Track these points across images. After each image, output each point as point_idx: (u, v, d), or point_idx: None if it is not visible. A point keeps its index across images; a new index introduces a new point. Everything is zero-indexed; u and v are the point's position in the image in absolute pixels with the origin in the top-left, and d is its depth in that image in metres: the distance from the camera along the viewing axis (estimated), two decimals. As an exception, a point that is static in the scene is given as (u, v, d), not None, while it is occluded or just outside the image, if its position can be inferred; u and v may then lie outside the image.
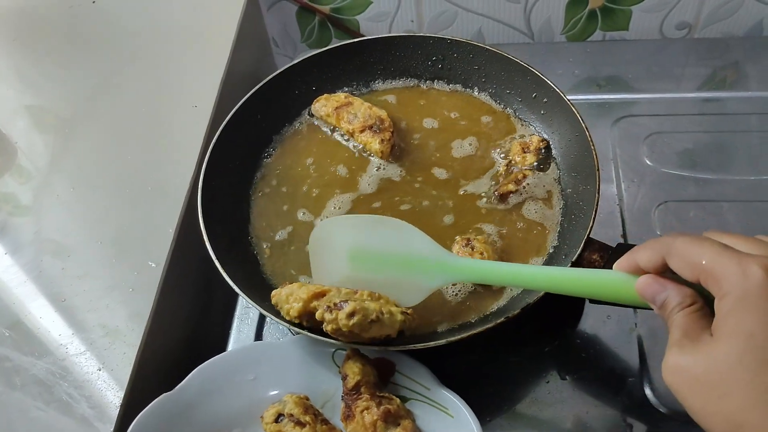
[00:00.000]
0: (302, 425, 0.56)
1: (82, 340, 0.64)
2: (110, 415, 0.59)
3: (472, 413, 0.56)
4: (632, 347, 0.65)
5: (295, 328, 0.58)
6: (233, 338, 0.71)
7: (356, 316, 0.53)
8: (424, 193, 0.71)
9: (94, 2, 0.95)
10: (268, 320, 0.71)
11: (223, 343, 0.70)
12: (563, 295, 0.52)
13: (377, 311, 0.54)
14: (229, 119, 0.72)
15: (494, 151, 0.74)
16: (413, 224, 0.68)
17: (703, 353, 0.39)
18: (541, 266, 0.52)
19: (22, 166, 0.79)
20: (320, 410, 0.59)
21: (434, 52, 0.78)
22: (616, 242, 0.61)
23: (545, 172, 0.71)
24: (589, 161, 0.65)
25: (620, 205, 0.76)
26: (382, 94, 0.80)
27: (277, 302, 0.58)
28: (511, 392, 0.64)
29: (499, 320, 0.57)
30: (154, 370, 0.64)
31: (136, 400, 0.59)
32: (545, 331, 0.67)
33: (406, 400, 0.59)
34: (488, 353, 0.66)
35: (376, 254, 0.57)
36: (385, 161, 0.73)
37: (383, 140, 0.72)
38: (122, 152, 0.78)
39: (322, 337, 0.56)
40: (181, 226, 0.70)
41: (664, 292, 0.44)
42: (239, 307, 0.73)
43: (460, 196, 0.71)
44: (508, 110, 0.77)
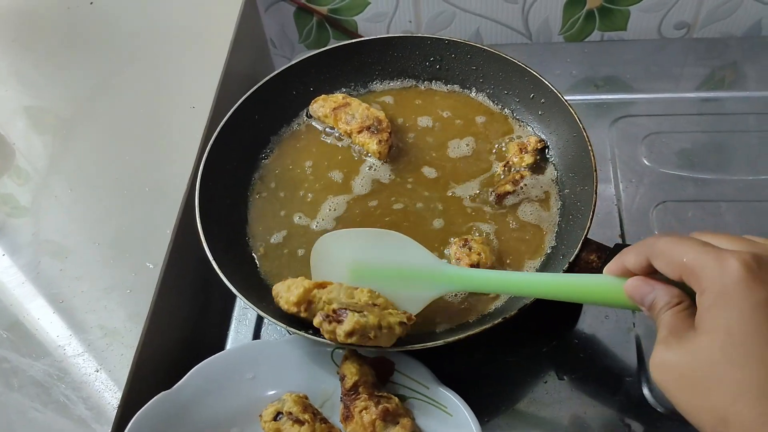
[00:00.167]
0: (301, 423, 0.56)
1: (79, 341, 0.64)
2: (108, 416, 0.59)
3: (470, 412, 0.56)
4: (630, 347, 0.66)
5: (291, 328, 0.58)
6: (231, 339, 0.71)
7: (354, 336, 0.53)
8: (418, 194, 0.71)
9: (91, 3, 0.95)
10: (266, 321, 0.71)
11: (221, 344, 0.70)
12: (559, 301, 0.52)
13: (375, 327, 0.54)
14: (226, 120, 0.72)
15: (492, 152, 0.74)
16: (411, 225, 0.69)
17: (686, 349, 0.40)
18: (535, 273, 0.53)
19: (20, 167, 0.79)
20: (319, 409, 0.60)
21: (432, 52, 0.78)
22: (614, 243, 0.61)
23: (543, 172, 0.71)
24: (586, 162, 0.65)
25: (618, 205, 0.76)
26: (380, 94, 0.80)
27: (277, 293, 0.59)
28: (509, 392, 0.64)
29: (497, 321, 0.57)
30: (152, 371, 0.64)
31: (133, 401, 0.59)
32: (543, 331, 0.67)
33: (405, 399, 0.59)
34: (487, 353, 0.66)
35: (374, 268, 0.59)
36: (382, 162, 0.73)
37: (381, 141, 0.72)
38: (120, 153, 0.78)
39: (318, 338, 0.56)
40: (178, 227, 0.70)
41: (652, 293, 0.44)
42: (237, 308, 0.73)
43: (457, 196, 0.70)
44: (505, 111, 0.77)
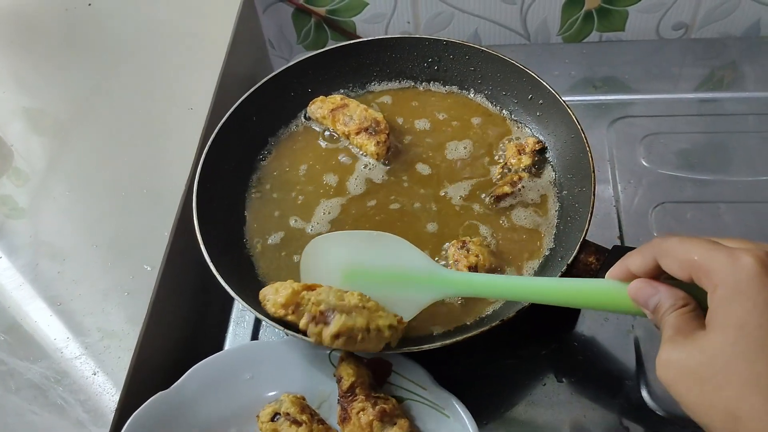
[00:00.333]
0: (298, 424, 0.56)
1: (77, 344, 0.63)
2: (106, 418, 0.59)
3: (468, 413, 0.56)
4: (629, 350, 0.65)
5: (288, 330, 0.57)
6: (229, 341, 0.71)
7: (341, 338, 0.52)
8: (415, 195, 0.71)
9: (89, 5, 0.95)
10: (264, 324, 0.71)
11: (219, 346, 0.70)
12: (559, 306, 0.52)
13: (363, 329, 0.53)
14: (224, 122, 0.72)
15: (489, 153, 0.74)
16: (407, 226, 0.68)
17: (696, 347, 0.39)
18: (535, 278, 0.52)
19: (18, 168, 0.79)
20: (316, 410, 0.59)
21: (430, 53, 0.78)
22: (612, 244, 0.62)
23: (541, 174, 0.71)
24: (584, 163, 0.65)
25: (617, 206, 0.76)
26: (378, 95, 0.80)
27: (265, 296, 0.57)
28: (507, 395, 0.64)
29: (494, 323, 0.57)
30: (149, 374, 0.64)
31: (131, 404, 0.59)
32: (542, 333, 0.67)
33: (402, 400, 0.59)
34: (485, 356, 0.66)
35: (369, 271, 0.57)
36: (379, 163, 0.73)
37: (379, 142, 0.72)
38: (118, 155, 0.78)
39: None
40: (176, 229, 0.70)
41: (656, 295, 0.44)
42: (235, 310, 0.73)
43: (455, 198, 0.70)
44: (503, 112, 0.77)
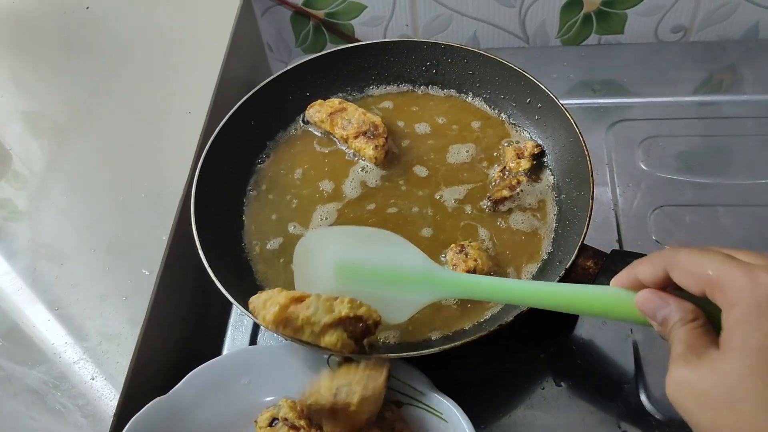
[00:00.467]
0: (296, 429, 0.56)
1: (75, 348, 0.63)
2: (104, 423, 0.59)
3: (466, 418, 0.56)
4: (628, 353, 0.65)
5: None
6: (227, 345, 0.71)
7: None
8: (413, 199, 0.71)
9: (87, 8, 0.94)
10: (262, 328, 0.71)
11: (217, 350, 0.70)
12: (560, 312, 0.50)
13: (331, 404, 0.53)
14: (222, 125, 0.72)
15: (488, 157, 0.73)
16: (405, 230, 0.68)
17: (710, 367, 0.38)
18: (537, 282, 0.49)
19: (17, 171, 0.79)
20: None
21: (428, 57, 0.78)
22: (611, 248, 0.61)
23: (539, 178, 0.71)
24: (583, 167, 0.65)
25: (615, 210, 0.76)
26: (376, 99, 0.80)
27: (254, 308, 0.56)
28: (506, 399, 0.64)
29: (493, 328, 0.56)
30: (148, 378, 0.64)
31: (129, 409, 0.59)
32: (540, 337, 0.67)
33: (400, 404, 0.59)
34: (483, 360, 0.66)
35: (363, 268, 0.55)
36: (379, 168, 0.73)
37: (377, 146, 0.72)
38: (116, 158, 0.78)
39: (313, 345, 0.56)
40: (174, 233, 0.70)
41: (665, 307, 0.42)
42: (233, 314, 0.73)
43: (453, 201, 0.70)
44: (502, 116, 0.77)
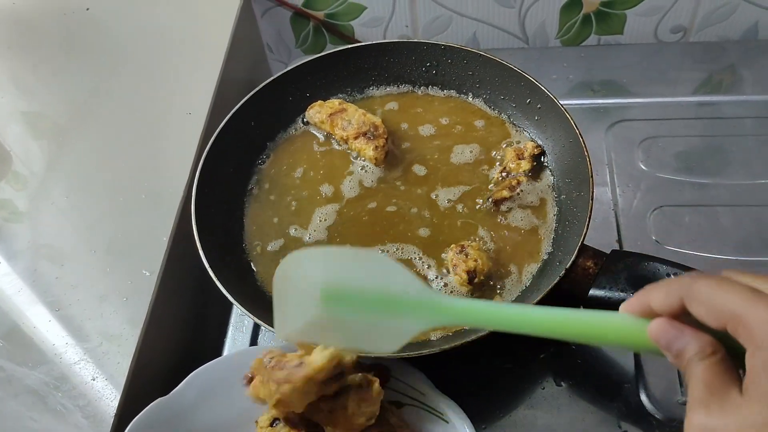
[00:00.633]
0: (297, 430, 0.56)
1: (76, 349, 0.63)
2: (105, 424, 0.59)
3: (466, 418, 0.56)
4: (628, 353, 0.65)
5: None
6: (228, 346, 0.71)
7: None
8: (412, 200, 0.71)
9: (87, 9, 0.95)
10: (262, 328, 0.71)
11: (218, 351, 0.70)
12: (573, 340, 0.48)
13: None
14: (223, 126, 0.72)
15: (488, 157, 0.74)
16: (406, 232, 0.68)
17: (733, 415, 0.35)
18: (542, 308, 0.45)
19: (17, 172, 0.79)
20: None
21: (428, 57, 0.78)
22: (611, 248, 0.62)
23: (539, 178, 0.71)
24: (582, 168, 0.65)
25: (615, 210, 0.76)
26: (376, 100, 0.80)
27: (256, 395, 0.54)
28: (506, 399, 0.64)
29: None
30: (148, 379, 0.64)
31: (130, 409, 0.59)
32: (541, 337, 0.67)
33: (401, 405, 0.59)
34: (484, 359, 0.66)
35: (352, 292, 0.49)
36: (379, 168, 0.73)
37: (377, 147, 0.72)
38: (116, 159, 0.78)
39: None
40: (175, 234, 0.70)
41: (681, 339, 0.39)
42: (234, 315, 0.73)
43: (453, 202, 0.70)
44: (502, 116, 0.77)
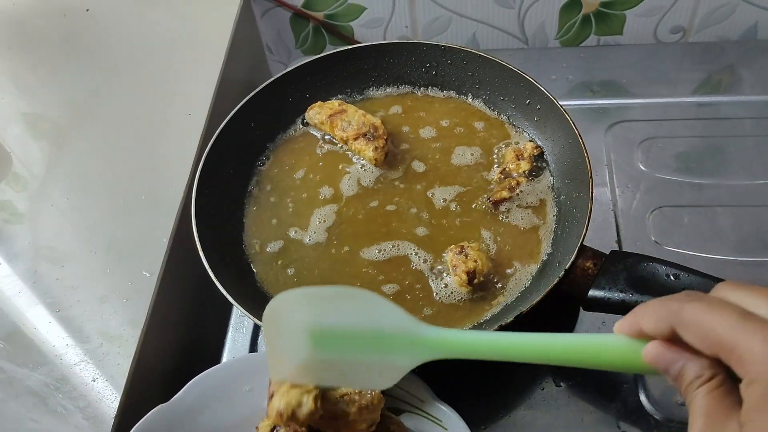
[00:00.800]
0: None
1: (76, 350, 0.64)
2: (105, 425, 0.59)
3: (465, 426, 0.56)
4: (627, 354, 0.65)
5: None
6: (228, 348, 0.71)
7: None
8: (414, 201, 0.71)
9: (87, 10, 0.95)
10: (263, 329, 0.71)
11: (218, 352, 0.70)
12: (572, 365, 0.44)
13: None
14: (222, 127, 0.72)
15: (488, 159, 0.74)
16: (406, 233, 0.68)
17: None
18: (534, 335, 0.44)
19: (17, 173, 0.79)
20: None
21: (428, 58, 0.78)
22: (610, 249, 0.62)
23: (539, 179, 0.71)
24: (582, 168, 0.65)
25: (615, 210, 0.76)
26: (376, 101, 0.80)
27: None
28: (506, 399, 0.64)
29: (492, 329, 0.57)
30: (149, 380, 0.64)
31: (130, 411, 0.59)
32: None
33: (399, 412, 0.59)
34: (483, 360, 0.66)
35: (340, 333, 0.48)
36: (379, 169, 0.73)
37: (377, 148, 0.72)
38: (116, 160, 0.78)
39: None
40: (175, 235, 0.70)
41: (678, 362, 0.38)
42: (234, 316, 0.73)
43: (453, 203, 0.70)
44: (502, 117, 0.77)
